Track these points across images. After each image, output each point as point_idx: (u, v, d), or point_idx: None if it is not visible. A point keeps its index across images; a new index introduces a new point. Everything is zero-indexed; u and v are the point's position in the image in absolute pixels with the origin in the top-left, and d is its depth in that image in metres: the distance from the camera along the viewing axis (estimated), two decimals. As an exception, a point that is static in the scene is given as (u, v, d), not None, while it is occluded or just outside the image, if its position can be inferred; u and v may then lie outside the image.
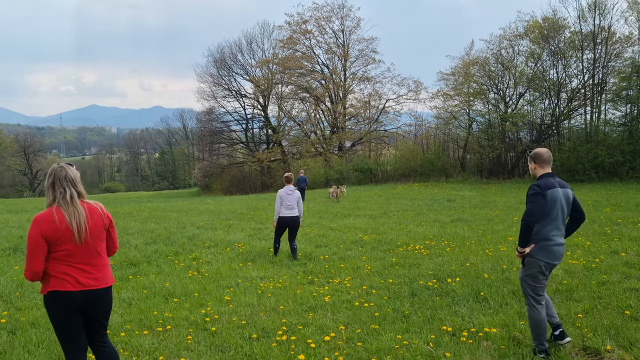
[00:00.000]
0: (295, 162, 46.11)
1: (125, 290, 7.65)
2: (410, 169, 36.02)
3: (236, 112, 55.18)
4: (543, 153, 4.75)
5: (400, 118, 46.52)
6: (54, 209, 3.62)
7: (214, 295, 7.23)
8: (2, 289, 7.85)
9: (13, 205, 33.70)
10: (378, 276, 8.08)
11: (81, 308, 3.69)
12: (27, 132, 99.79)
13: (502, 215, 14.55)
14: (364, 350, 4.97)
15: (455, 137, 37.76)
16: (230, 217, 16.94)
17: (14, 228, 15.43)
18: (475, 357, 4.63)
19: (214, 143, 55.83)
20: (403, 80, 44.98)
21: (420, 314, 5.97)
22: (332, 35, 46.02)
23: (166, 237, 12.58)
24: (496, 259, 8.68)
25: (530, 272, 4.62)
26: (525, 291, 4.70)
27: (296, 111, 50.44)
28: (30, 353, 5.12)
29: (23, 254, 10.76)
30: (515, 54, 32.81)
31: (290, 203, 9.66)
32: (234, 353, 5.03)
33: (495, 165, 33.28)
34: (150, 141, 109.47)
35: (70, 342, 3.72)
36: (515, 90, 33.32)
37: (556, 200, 4.55)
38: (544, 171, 4.73)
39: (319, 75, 46.90)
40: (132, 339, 5.47)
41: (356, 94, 47.70)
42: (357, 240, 11.38)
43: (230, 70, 52.86)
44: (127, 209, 21.95)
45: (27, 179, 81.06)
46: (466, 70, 34.45)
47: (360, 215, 16.41)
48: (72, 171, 3.73)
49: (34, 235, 3.56)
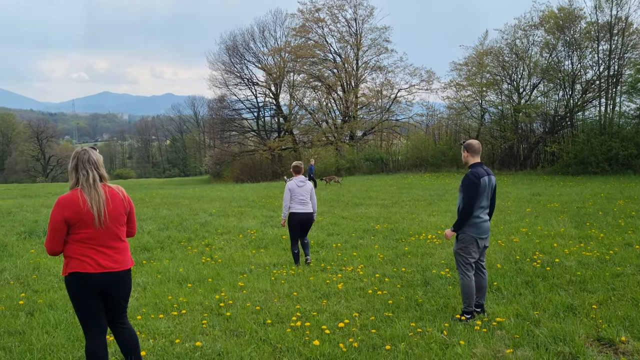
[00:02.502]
0: (306, 151, 46.11)
1: (140, 275, 7.74)
2: (421, 159, 35.92)
3: (248, 100, 55.18)
4: (474, 144, 5.55)
5: (412, 108, 46.36)
6: (77, 191, 3.66)
7: (228, 281, 7.30)
8: (19, 272, 7.98)
9: (27, 190, 34.06)
10: (391, 264, 8.11)
11: (101, 290, 3.75)
12: (40, 118, 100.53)
13: (514, 206, 14.50)
14: (378, 337, 5.00)
15: (467, 128, 37.54)
16: (242, 205, 17.01)
17: (28, 212, 15.62)
18: (489, 346, 4.65)
19: (225, 131, 55.86)
20: (415, 70, 44.76)
21: (433, 303, 5.99)
22: (345, 24, 45.81)
23: (179, 223, 12.68)
24: (509, 249, 8.67)
25: (463, 245, 5.42)
26: (457, 262, 5.52)
27: (308, 100, 50.36)
28: (49, 334, 5.21)
29: (38, 238, 10.92)
30: (530, 44, 32.48)
31: (303, 197, 8.20)
32: (249, 338, 5.08)
33: (507, 157, 33.09)
34: (162, 128, 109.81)
35: (90, 323, 3.77)
36: (529, 81, 33.04)
37: (485, 186, 5.38)
38: (474, 160, 5.51)
39: (331, 64, 46.73)
40: (148, 322, 5.54)
41: (368, 83, 47.57)
42: (369, 229, 11.40)
43: (242, 58, 52.79)
44: (139, 195, 22.10)
45: (40, 164, 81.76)
46: (480, 60, 34.16)
47: (372, 204, 16.42)
48: (95, 154, 3.77)
49: (56, 217, 3.61)
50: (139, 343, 4.10)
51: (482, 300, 5.60)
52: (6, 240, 10.49)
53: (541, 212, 13.06)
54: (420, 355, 4.52)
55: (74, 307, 3.80)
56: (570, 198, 15.85)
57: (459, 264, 5.49)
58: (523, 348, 4.58)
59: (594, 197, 15.81)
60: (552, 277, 6.82)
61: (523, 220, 11.86)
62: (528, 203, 15.06)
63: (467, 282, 5.39)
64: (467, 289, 5.40)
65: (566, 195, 16.83)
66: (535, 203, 14.97)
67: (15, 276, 7.73)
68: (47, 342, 4.97)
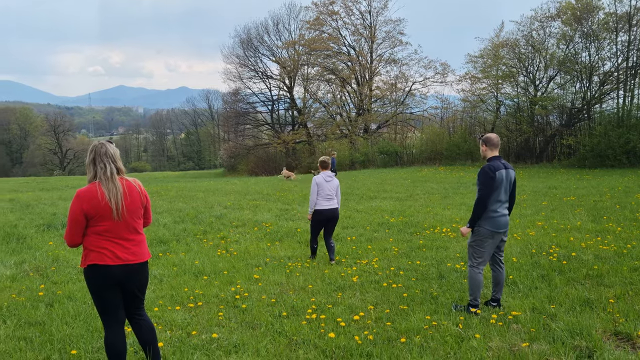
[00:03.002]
0: (320, 144, 46.09)
1: (156, 267, 7.81)
2: (436, 152, 35.72)
3: (262, 93, 55.26)
4: (493, 138, 5.50)
5: (427, 101, 46.08)
6: (95, 184, 3.71)
7: (243, 274, 7.35)
8: (39, 263, 8.10)
9: (44, 183, 34.46)
10: (405, 258, 8.10)
11: (119, 282, 3.81)
12: (56, 112, 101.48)
13: (530, 199, 14.39)
14: (393, 329, 5.01)
15: (482, 121, 37.21)
16: (256, 198, 17.08)
17: (46, 205, 15.82)
18: (505, 339, 4.64)
19: (240, 124, 56.00)
20: (430, 63, 44.45)
21: (448, 296, 5.99)
22: (359, 17, 45.61)
23: (194, 216, 12.76)
24: (525, 243, 8.62)
25: (477, 238, 5.40)
26: (469, 255, 5.50)
27: (322, 93, 50.24)
28: (68, 325, 5.29)
29: (57, 230, 11.05)
30: (547, 36, 32.05)
31: (329, 193, 7.99)
32: (265, 330, 5.12)
33: (523, 150, 32.78)
34: (176, 122, 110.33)
35: (109, 314, 3.84)
36: (545, 73, 32.62)
37: (502, 180, 5.34)
38: (493, 154, 5.48)
39: (345, 57, 46.60)
40: (165, 314, 5.61)
41: (382, 76, 47.32)
42: (384, 222, 11.39)
43: (256, 51, 52.82)
44: (155, 188, 22.27)
45: (57, 157, 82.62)
46: (495, 52, 33.80)
47: (386, 197, 16.39)
48: (111, 148, 3.83)
49: (75, 210, 3.67)
50: (156, 334, 4.16)
51: (498, 294, 5.58)
52: (25, 233, 10.65)
53: (557, 205, 12.96)
54: (435, 349, 4.53)
55: (92, 299, 3.86)
56: (587, 191, 15.69)
57: (470, 256, 5.48)
58: (539, 342, 4.57)
59: (611, 190, 15.63)
60: (568, 271, 6.78)
61: (539, 213, 11.78)
62: (544, 196, 14.94)
63: (476, 276, 5.39)
64: (475, 283, 5.40)
65: (583, 188, 16.66)
66: (552, 196, 14.85)
67: (35, 268, 7.85)
68: (67, 332, 5.05)
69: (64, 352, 4.61)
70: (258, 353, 4.58)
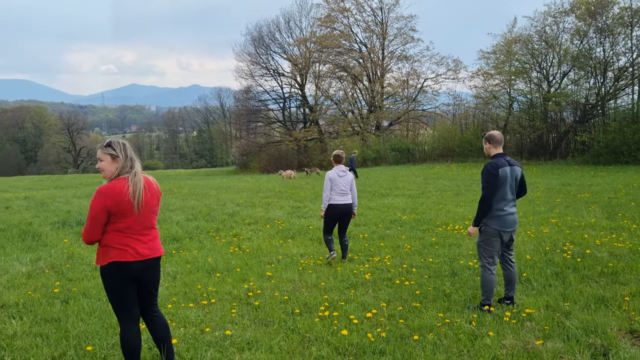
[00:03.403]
0: (332, 142, 46.10)
1: (170, 265, 7.86)
2: (448, 149, 35.61)
3: (274, 90, 55.29)
4: (496, 135, 5.40)
5: (439, 97, 45.96)
6: (121, 180, 3.76)
7: (256, 271, 7.37)
8: (54, 261, 8.18)
9: (59, 181, 34.80)
10: (418, 255, 8.09)
11: (137, 278, 3.85)
12: (70, 111, 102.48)
13: (543, 196, 14.30)
14: (406, 327, 5.01)
15: (495, 117, 37.02)
16: (268, 195, 17.12)
17: (61, 203, 15.98)
18: (519, 337, 4.62)
19: (252, 122, 56.11)
20: (442, 59, 44.29)
21: (461, 293, 5.96)
22: (371, 13, 45.52)
23: (207, 213, 12.82)
24: (538, 240, 8.56)
25: (485, 237, 5.34)
26: (480, 255, 5.44)
27: (333, 90, 50.26)
28: (83, 321, 5.34)
29: (71, 228, 11.16)
30: (560, 31, 31.83)
31: (343, 187, 7.80)
32: (278, 327, 5.14)
33: (536, 146, 32.57)
34: (189, 119, 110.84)
35: (126, 311, 3.87)
36: (559, 69, 32.39)
37: (506, 177, 5.24)
38: (497, 151, 5.40)
39: (356, 53, 46.51)
40: (178, 311, 5.64)
41: (394, 72, 47.23)
42: (396, 220, 11.38)
43: (268, 48, 52.87)
44: (167, 186, 22.41)
45: (71, 155, 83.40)
46: (508, 48, 33.57)
47: (398, 194, 16.36)
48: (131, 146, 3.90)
49: (97, 207, 3.68)
50: (170, 331, 4.19)
51: (511, 292, 5.55)
52: (40, 230, 10.76)
53: (571, 202, 12.85)
54: (449, 346, 4.52)
55: (109, 296, 3.88)
56: (602, 188, 15.55)
57: (481, 256, 5.43)
58: (553, 339, 4.55)
59: (626, 187, 15.48)
60: (582, 269, 6.73)
61: (553, 210, 11.69)
62: (558, 193, 14.83)
63: (488, 276, 5.34)
64: (487, 282, 5.35)
65: (597, 185, 16.52)
66: (565, 193, 14.73)
67: (50, 265, 7.93)
68: (82, 329, 5.10)
69: (80, 349, 4.66)
70: (271, 350, 4.59)
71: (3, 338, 4.94)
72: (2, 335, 5.02)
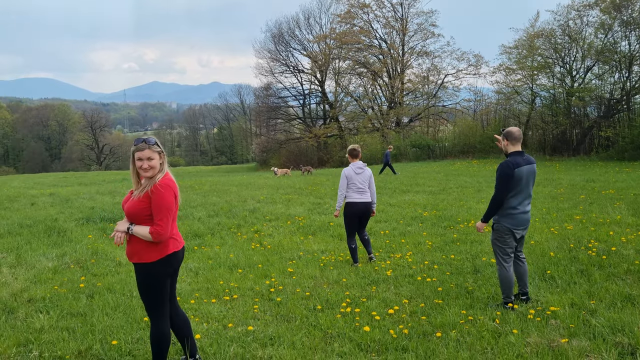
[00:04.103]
0: (352, 138, 46.04)
1: (192, 260, 7.93)
2: (469, 145, 35.26)
3: (293, 87, 55.37)
4: (514, 132, 5.31)
5: (459, 93, 45.50)
6: (167, 175, 3.85)
7: (277, 267, 7.40)
8: (79, 256, 8.31)
9: (83, 178, 35.29)
10: (439, 252, 8.04)
11: (177, 267, 3.97)
12: (93, 109, 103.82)
13: (567, 193, 14.09)
14: (428, 324, 4.99)
15: (517, 113, 36.52)
16: (289, 192, 17.16)
17: (85, 200, 16.20)
18: (543, 335, 4.57)
19: (272, 119, 56.28)
20: (463, 55, 43.84)
21: (484, 290, 5.92)
22: (391, 9, 45.27)
23: (228, 210, 12.90)
24: (562, 237, 8.45)
25: (498, 236, 5.34)
26: (495, 252, 5.44)
27: (353, 86, 50.14)
28: (109, 316, 5.42)
29: (95, 224, 11.31)
30: (584, 25, 31.20)
31: (361, 185, 7.38)
32: (300, 323, 5.15)
33: (559, 142, 32.06)
34: (209, 117, 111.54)
35: (160, 306, 3.89)
36: (582, 64, 31.78)
37: (522, 176, 5.17)
38: (514, 149, 5.30)
39: (376, 50, 46.30)
40: (201, 306, 5.69)
41: (414, 68, 46.90)
42: (417, 216, 11.32)
43: (288, 45, 52.94)
44: (189, 182, 22.58)
45: (94, 153, 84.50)
46: (530, 42, 33.07)
47: (419, 191, 16.28)
48: None
49: (171, 199, 3.77)
50: (191, 326, 4.23)
51: (525, 288, 5.54)
52: (66, 226, 10.93)
53: (596, 199, 12.65)
54: (472, 344, 4.49)
55: (152, 292, 3.83)
56: (627, 184, 15.28)
57: (496, 253, 5.42)
58: (579, 338, 4.49)
59: (652, 183, 15.19)
60: (608, 266, 6.62)
61: (577, 207, 11.53)
62: (581, 190, 14.60)
63: (505, 273, 5.32)
64: (505, 280, 5.33)
65: (622, 181, 16.23)
66: (589, 190, 14.51)
67: (75, 260, 8.06)
68: (107, 323, 5.18)
69: (105, 342, 4.72)
70: (293, 346, 4.61)
71: (31, 332, 5.03)
72: (30, 328, 5.12)
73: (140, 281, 3.84)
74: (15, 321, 5.36)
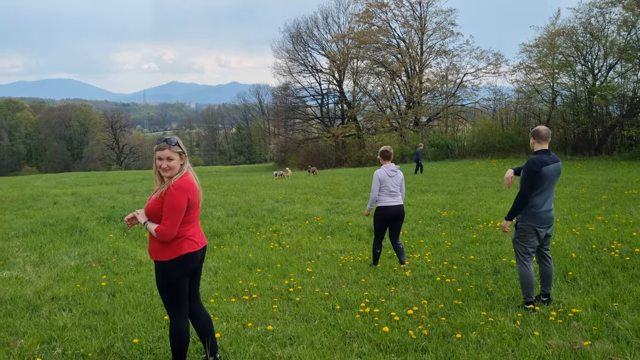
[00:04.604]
0: (370, 138, 45.92)
1: (211, 260, 7.99)
2: (488, 145, 34.95)
3: (312, 87, 55.46)
4: (541, 131, 5.30)
5: (479, 92, 45.11)
6: (186, 175, 3.86)
7: (296, 267, 7.42)
8: (100, 255, 8.42)
9: (104, 177, 35.73)
10: (458, 252, 7.99)
11: (197, 266, 4.01)
12: (113, 109, 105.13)
13: (589, 193, 13.90)
14: (447, 325, 4.96)
15: (537, 112, 36.10)
16: (307, 191, 17.18)
17: (106, 199, 16.41)
18: (565, 337, 4.51)
19: (290, 118, 56.43)
20: (482, 53, 43.45)
21: (504, 292, 5.86)
22: (409, 8, 45.04)
23: (246, 209, 12.96)
24: (584, 238, 8.33)
25: (521, 234, 5.31)
26: (516, 251, 5.42)
27: (371, 86, 50.03)
28: (130, 314, 5.49)
29: (115, 223, 11.44)
30: (606, 23, 30.72)
31: (393, 188, 7.13)
32: (319, 323, 5.16)
33: (580, 141, 31.63)
34: (227, 116, 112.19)
35: (179, 304, 3.93)
36: (605, 62, 31.31)
37: (547, 175, 5.16)
38: (541, 147, 5.30)
39: (394, 49, 46.13)
40: (220, 306, 5.73)
41: (433, 68, 46.64)
42: (436, 216, 11.26)
43: (306, 45, 53.03)
44: (208, 182, 22.74)
45: (115, 152, 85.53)
46: (551, 41, 32.67)
47: (437, 191, 16.18)
48: None
49: (182, 202, 3.76)
50: (213, 325, 4.26)
51: (548, 289, 5.47)
52: (87, 225, 11.07)
53: (618, 199, 12.46)
54: (492, 345, 4.45)
55: (169, 290, 3.89)
56: (651, 185, 15.02)
57: (517, 253, 5.39)
58: (602, 340, 4.42)
59: (677, 183, 14.91)
60: (632, 268, 6.51)
61: (599, 207, 11.36)
62: (604, 190, 14.39)
63: (526, 272, 5.28)
64: (525, 279, 5.29)
65: (646, 181, 15.96)
66: (612, 190, 14.28)
67: (97, 259, 8.17)
68: (129, 322, 5.24)
69: (127, 341, 4.78)
70: (312, 346, 4.62)
71: (54, 329, 5.11)
72: (53, 326, 5.20)
73: (158, 279, 3.91)
74: (39, 319, 5.45)
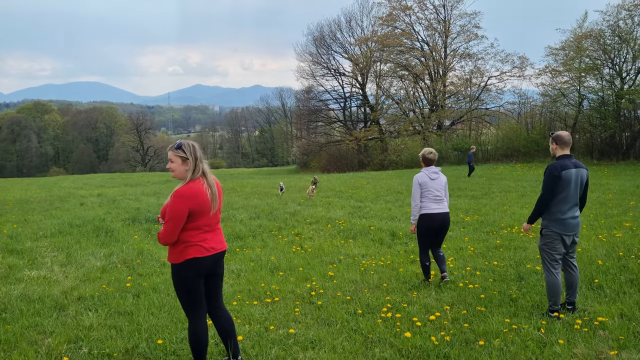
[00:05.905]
0: (392, 141, 45.72)
1: (234, 262, 8.05)
2: (512, 149, 34.54)
3: (334, 90, 55.38)
4: (564, 136, 5.27)
5: (503, 96, 44.53)
6: (198, 182, 3.91)
7: (318, 271, 7.43)
8: (125, 256, 8.54)
9: (129, 179, 36.22)
10: (482, 258, 7.92)
11: (208, 272, 4.02)
12: (139, 111, 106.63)
13: (616, 199, 13.65)
14: (470, 331, 4.92)
15: (563, 116, 35.57)
16: (329, 195, 17.20)
17: (131, 200, 16.65)
18: (591, 346, 4.44)
19: (312, 121, 56.48)
20: (507, 57, 42.89)
21: (528, 299, 5.80)
22: (433, 11, 44.76)
23: (269, 212, 13.02)
24: (611, 245, 8.19)
25: (547, 241, 5.26)
26: (542, 258, 5.36)
27: (394, 89, 49.78)
28: (154, 315, 5.56)
29: (140, 224, 11.60)
30: (635, 25, 30.18)
31: (438, 193, 6.50)
32: (340, 327, 5.17)
33: (607, 146, 31.07)
34: (251, 119, 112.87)
35: (195, 306, 3.99)
36: (633, 65, 30.72)
37: (570, 180, 5.12)
38: (563, 152, 5.27)
39: (418, 52, 45.88)
40: (243, 308, 5.77)
41: (457, 71, 46.21)
42: (459, 221, 11.17)
43: (329, 48, 53.03)
44: (231, 184, 22.90)
45: (140, 154, 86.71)
46: (578, 44, 32.18)
47: (461, 195, 16.06)
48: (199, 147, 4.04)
49: (179, 210, 3.81)
50: (234, 326, 4.30)
51: (573, 297, 5.41)
52: (113, 226, 11.25)
53: (647, 205, 12.22)
54: (516, 353, 4.41)
55: (180, 292, 3.99)
56: (681, 191, 14.69)
57: (544, 260, 5.34)
58: (629, 350, 4.35)
59: None
60: (660, 276, 6.39)
61: (626, 214, 11.15)
62: (632, 196, 14.12)
63: (553, 280, 5.23)
64: (552, 287, 5.23)
65: (676, 187, 15.62)
66: (639, 196, 14.02)
67: (122, 260, 8.29)
68: (153, 323, 5.31)
69: (151, 342, 4.85)
70: (334, 350, 4.63)
71: (81, 329, 5.21)
72: (79, 326, 5.30)
73: (173, 280, 4.03)
74: (66, 318, 5.56)
